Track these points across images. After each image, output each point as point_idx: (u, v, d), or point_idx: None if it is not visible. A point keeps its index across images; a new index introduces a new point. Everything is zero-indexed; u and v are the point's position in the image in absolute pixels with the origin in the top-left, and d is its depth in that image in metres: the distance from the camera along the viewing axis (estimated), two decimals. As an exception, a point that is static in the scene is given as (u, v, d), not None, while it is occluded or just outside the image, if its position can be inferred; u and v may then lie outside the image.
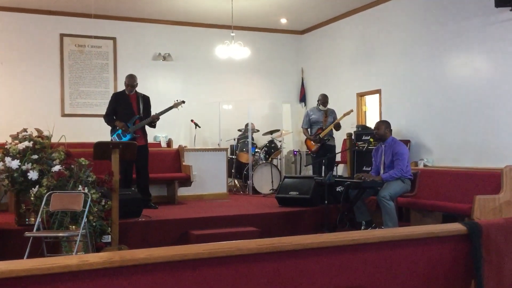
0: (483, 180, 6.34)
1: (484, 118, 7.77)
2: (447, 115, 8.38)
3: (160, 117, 7.36)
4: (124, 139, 6.99)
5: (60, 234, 5.09)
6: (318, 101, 8.77)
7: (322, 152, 8.43)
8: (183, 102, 7.65)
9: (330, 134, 8.56)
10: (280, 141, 10.45)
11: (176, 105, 7.57)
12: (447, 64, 8.45)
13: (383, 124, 6.78)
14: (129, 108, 7.30)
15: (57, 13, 10.29)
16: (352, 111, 9.18)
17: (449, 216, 6.55)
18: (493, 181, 6.18)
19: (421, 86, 8.91)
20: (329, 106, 8.80)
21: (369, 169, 7.31)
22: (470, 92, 8.00)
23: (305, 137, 8.97)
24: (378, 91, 9.92)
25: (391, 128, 6.83)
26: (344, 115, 8.71)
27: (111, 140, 7.05)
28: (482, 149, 7.78)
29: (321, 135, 8.45)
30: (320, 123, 8.58)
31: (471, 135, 7.96)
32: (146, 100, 7.49)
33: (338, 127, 8.59)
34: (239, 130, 10.75)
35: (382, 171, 6.63)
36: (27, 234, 4.92)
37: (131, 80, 7.37)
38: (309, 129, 8.70)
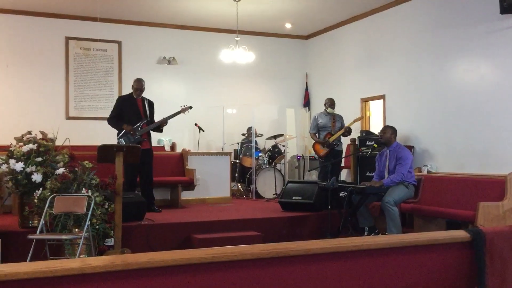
0: (487, 186, 6.31)
1: (489, 125, 7.75)
2: (451, 121, 8.37)
3: (167, 121, 7.38)
4: (131, 143, 6.99)
5: (63, 237, 5.10)
6: (325, 104, 8.76)
7: (330, 157, 8.40)
8: (190, 107, 7.67)
9: (339, 139, 8.56)
10: (283, 146, 10.44)
11: (183, 111, 7.58)
12: (451, 70, 8.44)
13: (390, 129, 6.78)
14: (136, 112, 7.31)
15: (62, 16, 10.34)
16: (362, 117, 9.13)
17: (453, 222, 6.52)
18: (497, 188, 6.16)
19: (425, 92, 8.90)
20: (335, 111, 8.79)
21: (373, 174, 7.29)
22: (474, 98, 7.99)
23: (312, 142, 8.94)
24: (382, 97, 9.92)
25: (397, 134, 6.83)
26: (354, 121, 8.73)
27: (118, 143, 7.06)
28: (486, 156, 7.76)
29: (330, 140, 8.43)
30: (328, 128, 8.55)
31: (475, 142, 7.94)
32: (151, 104, 7.52)
33: (348, 132, 8.57)
34: (243, 135, 10.76)
35: (386, 176, 6.62)
36: (30, 236, 4.93)
37: (140, 84, 7.39)
38: (316, 134, 8.69)
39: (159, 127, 7.39)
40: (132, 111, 7.31)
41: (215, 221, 6.67)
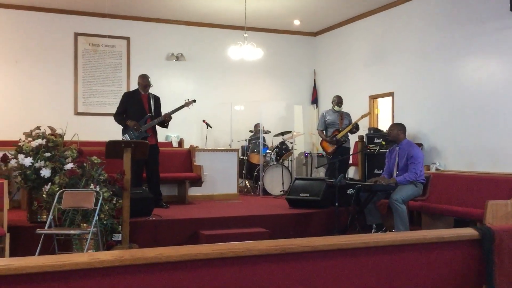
0: (496, 185, 6.27)
1: (498, 122, 7.71)
2: (460, 119, 8.32)
3: (172, 116, 7.38)
4: (135, 138, 7.01)
5: (72, 232, 5.12)
6: (332, 102, 8.74)
7: (338, 154, 8.37)
8: (194, 101, 7.66)
9: (346, 136, 8.53)
10: (291, 143, 10.43)
11: (187, 104, 7.58)
12: (461, 67, 8.40)
13: (397, 126, 6.74)
14: (140, 107, 7.33)
15: (71, 12, 10.38)
16: (370, 113, 9.07)
17: (461, 220, 6.49)
18: (506, 186, 6.12)
19: (434, 89, 8.86)
20: (342, 108, 8.77)
21: (381, 171, 7.26)
22: (484, 95, 7.95)
23: (319, 139, 8.92)
24: (390, 94, 9.89)
25: (406, 131, 6.78)
26: (362, 116, 8.70)
27: (123, 139, 7.08)
28: (495, 154, 7.72)
29: (338, 137, 8.42)
30: (336, 125, 8.53)
31: (484, 139, 7.90)
32: (156, 99, 7.52)
33: (356, 128, 8.54)
34: (251, 131, 10.76)
35: (395, 174, 6.59)
36: (39, 231, 4.95)
37: (147, 81, 7.40)
38: (324, 131, 8.66)
39: (163, 122, 7.39)
40: (136, 107, 7.32)
41: (222, 218, 6.67)
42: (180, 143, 10.60)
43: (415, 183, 6.41)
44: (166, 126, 7.55)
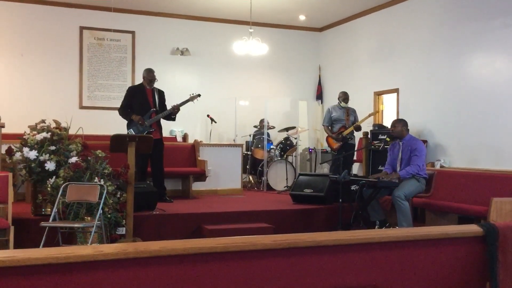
0: (501, 182, 6.26)
1: (503, 120, 7.68)
2: (465, 116, 8.29)
3: (180, 108, 7.38)
4: (140, 133, 7.02)
5: (76, 225, 5.14)
6: (338, 98, 8.73)
7: (343, 150, 8.36)
8: (199, 95, 7.66)
9: (352, 133, 8.52)
10: (295, 138, 10.43)
11: (192, 98, 7.57)
12: (466, 64, 8.36)
13: (400, 123, 6.75)
14: (145, 102, 7.33)
15: (77, 6, 10.38)
16: (377, 112, 9.05)
17: (465, 218, 6.48)
18: (510, 183, 6.11)
19: (440, 86, 8.83)
20: (348, 104, 8.75)
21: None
22: (489, 92, 7.91)
23: (324, 135, 8.92)
24: (395, 90, 9.85)
25: (408, 127, 6.78)
26: (370, 115, 8.69)
27: (128, 133, 7.09)
28: (500, 151, 7.69)
29: (344, 134, 8.40)
30: (342, 121, 8.52)
31: (489, 137, 7.87)
32: (161, 94, 7.52)
33: (358, 128, 8.53)
34: (255, 127, 10.75)
35: (398, 168, 6.59)
36: (43, 224, 4.98)
37: (152, 75, 7.40)
38: (330, 127, 8.65)
39: (171, 115, 7.39)
40: (141, 101, 7.32)
41: (226, 212, 6.68)
42: (185, 137, 10.61)
43: (417, 178, 6.40)
44: (174, 119, 7.55)
